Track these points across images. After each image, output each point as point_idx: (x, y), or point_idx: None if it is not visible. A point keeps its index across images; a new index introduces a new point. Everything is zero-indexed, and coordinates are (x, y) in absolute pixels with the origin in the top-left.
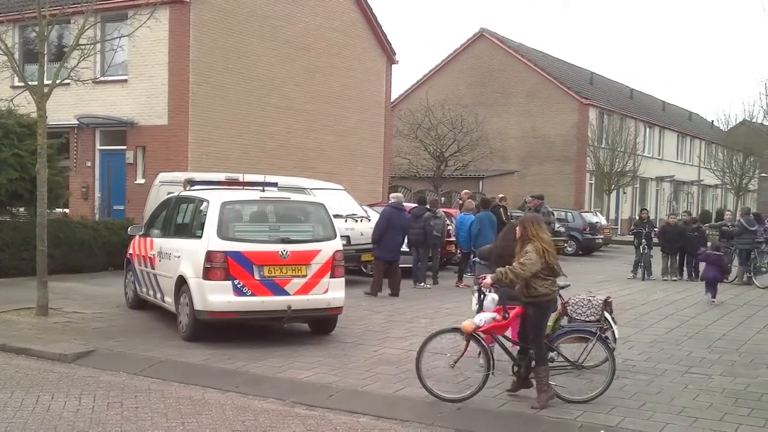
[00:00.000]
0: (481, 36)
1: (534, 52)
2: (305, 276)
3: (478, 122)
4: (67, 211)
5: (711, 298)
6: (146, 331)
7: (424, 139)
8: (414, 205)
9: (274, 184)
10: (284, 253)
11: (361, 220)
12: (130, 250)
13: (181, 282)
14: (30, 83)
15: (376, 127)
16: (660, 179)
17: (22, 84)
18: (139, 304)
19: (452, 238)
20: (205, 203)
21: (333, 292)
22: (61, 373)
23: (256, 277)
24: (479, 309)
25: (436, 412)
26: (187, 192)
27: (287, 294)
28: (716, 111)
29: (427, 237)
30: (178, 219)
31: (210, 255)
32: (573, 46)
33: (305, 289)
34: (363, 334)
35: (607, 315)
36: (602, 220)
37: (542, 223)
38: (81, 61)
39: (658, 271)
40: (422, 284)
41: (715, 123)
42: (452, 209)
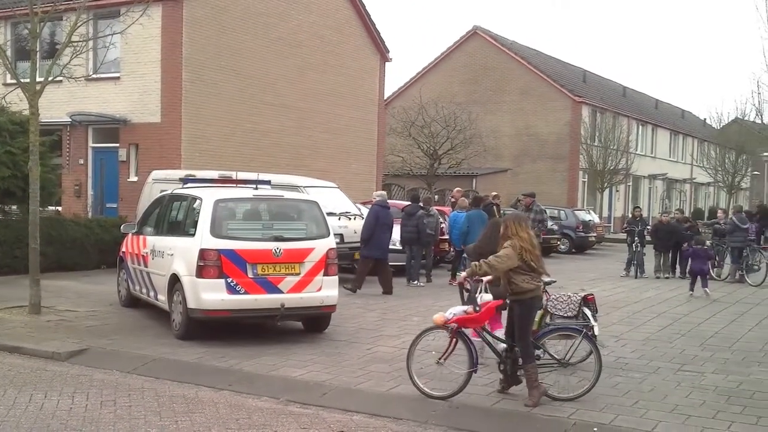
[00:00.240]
0: (474, 34)
1: (527, 50)
2: (299, 274)
3: (472, 120)
4: (59, 209)
5: (699, 291)
6: (139, 330)
7: (417, 137)
8: (407, 203)
9: (268, 182)
10: (278, 251)
11: (354, 218)
12: (123, 248)
13: (175, 280)
14: (22, 80)
15: (369, 124)
16: (653, 177)
17: (14, 81)
18: (132, 302)
19: (445, 236)
20: (198, 201)
21: (326, 290)
22: (54, 371)
23: (250, 275)
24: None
25: (429, 410)
26: (180, 190)
27: (281, 292)
28: (709, 109)
29: (420, 235)
30: (171, 217)
31: (203, 253)
32: (566, 44)
33: (299, 287)
34: (356, 332)
35: (586, 311)
36: (595, 218)
37: (524, 222)
38: (73, 58)
39: (651, 269)
40: (416, 282)
41: (708, 121)
42: (445, 207)
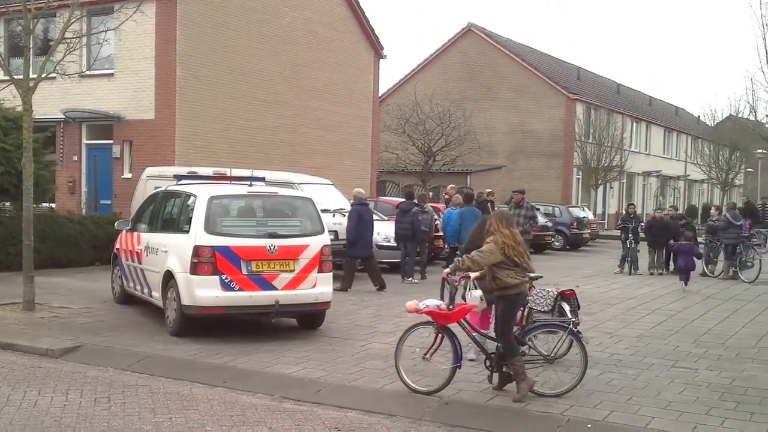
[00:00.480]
0: (468, 31)
1: (521, 47)
2: (293, 271)
3: (466, 117)
4: (53, 205)
5: (691, 285)
6: (133, 326)
7: (411, 134)
8: (402, 200)
9: (262, 179)
10: (272, 247)
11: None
12: (117, 245)
13: (169, 277)
14: (15, 77)
15: (363, 121)
16: (647, 174)
17: (8, 78)
18: (126, 299)
19: (440, 233)
20: (192, 198)
21: (321, 287)
22: (47, 368)
23: (244, 272)
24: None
25: (424, 407)
26: (174, 186)
27: (275, 289)
28: (703, 106)
29: (415, 232)
30: (166, 214)
31: (197, 250)
32: (560, 41)
33: (293, 284)
34: (351, 329)
35: (565, 306)
36: (589, 214)
37: (509, 219)
38: (67, 54)
39: (645, 265)
40: (410, 279)
41: (702, 118)
42: (440, 204)
